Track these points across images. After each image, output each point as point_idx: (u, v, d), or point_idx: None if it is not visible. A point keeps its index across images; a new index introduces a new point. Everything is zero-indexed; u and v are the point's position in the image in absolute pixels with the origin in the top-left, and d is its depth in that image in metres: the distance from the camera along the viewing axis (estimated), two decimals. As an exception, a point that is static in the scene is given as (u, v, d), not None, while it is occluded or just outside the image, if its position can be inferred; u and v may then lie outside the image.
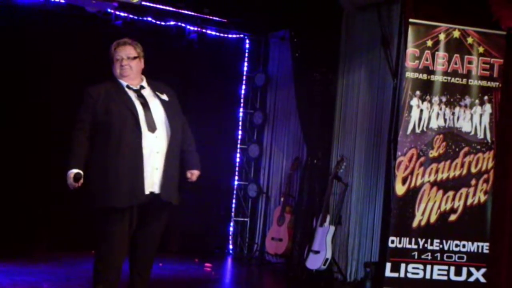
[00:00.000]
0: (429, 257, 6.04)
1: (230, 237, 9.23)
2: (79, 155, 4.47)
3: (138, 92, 4.68)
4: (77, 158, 4.46)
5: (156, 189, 4.57)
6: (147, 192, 4.52)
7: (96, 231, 4.59)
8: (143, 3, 7.26)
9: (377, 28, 7.13)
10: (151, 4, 7.94)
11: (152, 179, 4.55)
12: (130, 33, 7.58)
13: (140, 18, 8.10)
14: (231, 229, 9.25)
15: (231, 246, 9.20)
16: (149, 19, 8.17)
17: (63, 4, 7.33)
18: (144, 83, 4.76)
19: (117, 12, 7.84)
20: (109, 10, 7.67)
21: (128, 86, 4.67)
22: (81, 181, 4.40)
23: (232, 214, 9.29)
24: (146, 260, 4.79)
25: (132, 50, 4.70)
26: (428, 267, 6.03)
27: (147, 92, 4.72)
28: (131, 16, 8.02)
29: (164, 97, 4.74)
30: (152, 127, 4.56)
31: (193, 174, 4.78)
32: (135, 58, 4.69)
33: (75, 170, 4.41)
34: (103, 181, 4.44)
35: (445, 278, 6.03)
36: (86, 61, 7.60)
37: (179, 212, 8.49)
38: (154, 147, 4.56)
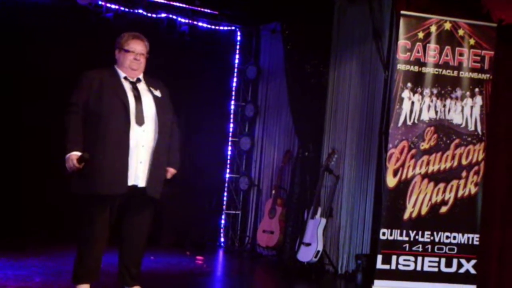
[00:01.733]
0: (420, 249, 6.05)
1: (222, 230, 9.24)
2: (77, 137, 4.52)
3: (134, 85, 4.71)
4: (76, 141, 4.51)
5: (139, 182, 4.61)
6: (129, 183, 4.53)
7: (79, 218, 4.64)
8: (134, -5, 7.24)
9: (368, 21, 7.12)
10: (142, -4, 7.93)
11: (136, 172, 4.59)
12: (121, 26, 7.62)
13: (131, 10, 8.07)
14: (222, 222, 9.25)
15: (222, 239, 9.20)
16: (140, 11, 8.14)
17: (54, -4, 7.30)
18: (141, 76, 4.79)
19: (108, 5, 7.82)
20: (100, 2, 7.66)
21: (125, 78, 4.70)
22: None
23: (224, 207, 9.29)
24: (133, 253, 4.81)
25: (145, 48, 4.82)
26: (419, 258, 6.05)
27: (141, 86, 4.76)
28: (122, 8, 7.98)
29: (157, 93, 4.78)
30: (140, 121, 4.59)
31: (169, 172, 4.81)
32: (144, 55, 4.75)
33: (78, 153, 4.44)
34: (87, 168, 4.48)
35: (436, 269, 6.05)
36: (78, 53, 7.57)
37: (170, 205, 8.57)
38: (140, 141, 4.59)
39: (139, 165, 4.60)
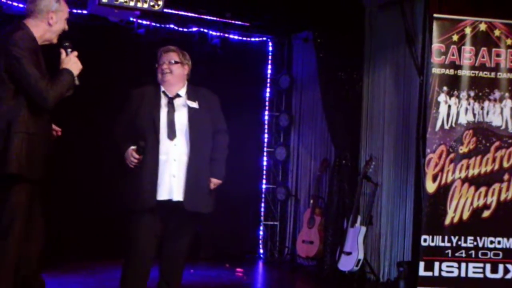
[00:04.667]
0: (464, 255, 5.95)
1: (260, 241, 9.20)
2: (127, 140, 4.61)
3: (171, 100, 4.71)
4: (127, 141, 4.59)
5: (175, 196, 4.59)
6: (162, 198, 4.57)
7: (124, 237, 4.67)
8: (165, 10, 7.25)
9: (400, 25, 7.06)
10: (173, 11, 7.95)
11: (170, 186, 4.58)
12: (153, 41, 7.66)
13: (163, 25, 8.12)
14: (261, 233, 9.21)
15: (261, 250, 9.16)
16: (172, 26, 8.18)
17: (86, 14, 7.36)
18: (182, 91, 4.79)
19: (140, 21, 7.86)
20: (131, 18, 7.69)
21: (164, 92, 4.73)
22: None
23: (261, 218, 9.25)
24: (174, 269, 4.81)
25: (174, 56, 4.81)
26: (463, 265, 5.94)
27: (180, 101, 4.75)
28: (153, 24, 8.03)
29: (195, 105, 4.76)
30: (171, 135, 4.59)
31: (211, 182, 4.78)
32: (176, 63, 4.77)
33: (132, 146, 4.52)
34: (125, 185, 4.59)
35: (481, 276, 5.93)
36: (110, 70, 7.63)
37: (208, 218, 8.55)
38: (172, 155, 4.60)
39: (173, 179, 4.60)
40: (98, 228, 7.63)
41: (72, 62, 4.24)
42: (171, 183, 4.60)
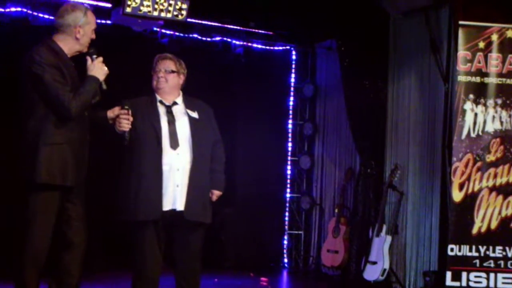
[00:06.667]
0: (492, 265, 5.87)
1: (285, 251, 9.15)
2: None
3: (169, 108, 4.69)
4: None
5: (178, 206, 4.57)
6: (166, 208, 4.55)
7: (129, 248, 4.67)
8: (189, 19, 7.27)
9: (425, 33, 7.01)
10: (197, 21, 7.97)
11: (173, 196, 4.56)
12: (177, 51, 7.67)
13: (186, 35, 8.13)
14: (285, 242, 9.17)
15: (286, 260, 9.11)
16: (195, 35, 8.20)
17: (109, 25, 7.40)
18: (179, 99, 4.77)
19: (163, 30, 7.89)
20: (155, 28, 7.73)
21: (161, 101, 4.70)
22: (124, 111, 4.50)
23: (286, 227, 9.21)
24: (189, 277, 4.78)
25: (171, 64, 4.75)
26: (492, 275, 5.86)
27: (178, 109, 4.73)
28: (177, 33, 8.05)
29: (195, 114, 4.73)
30: (174, 144, 4.58)
31: (213, 194, 4.77)
32: (172, 72, 4.73)
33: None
34: (126, 195, 4.55)
35: (511, 286, 5.84)
36: (134, 80, 7.65)
37: (231, 227, 8.55)
38: (175, 164, 4.57)
39: (176, 189, 4.58)
40: (104, 238, 7.61)
41: (97, 68, 4.35)
42: (175, 193, 4.58)
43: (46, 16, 7.05)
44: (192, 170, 4.61)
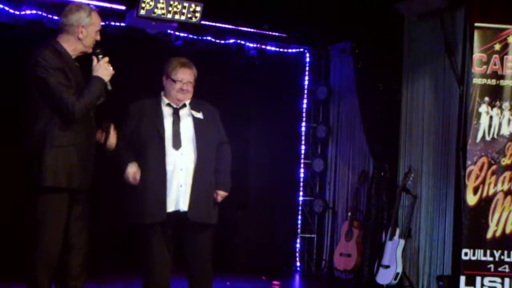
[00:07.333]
0: (507, 270, 5.82)
1: (297, 254, 9.12)
2: (127, 156, 4.57)
3: (176, 110, 4.67)
4: (127, 158, 4.56)
5: (182, 207, 4.55)
6: (171, 209, 4.52)
7: (137, 250, 4.65)
8: (202, 22, 7.27)
9: (440, 35, 6.98)
10: (211, 23, 7.97)
11: (177, 196, 4.54)
12: (191, 53, 7.67)
13: (200, 37, 8.14)
14: (297, 245, 9.13)
15: (298, 263, 9.08)
16: (209, 38, 8.19)
17: (123, 27, 7.42)
18: (187, 101, 4.75)
19: (177, 33, 7.89)
20: (169, 31, 7.73)
21: (168, 104, 4.68)
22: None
23: (298, 230, 9.18)
24: (200, 279, 4.75)
25: (193, 76, 4.72)
26: (507, 280, 5.81)
27: (185, 111, 4.71)
28: (190, 36, 8.06)
29: (199, 115, 4.71)
30: (176, 144, 4.56)
31: (218, 195, 4.72)
32: (192, 83, 4.71)
33: (133, 168, 4.50)
34: (132, 198, 4.54)
35: (526, 291, 5.80)
36: (148, 81, 7.65)
37: (244, 229, 8.52)
38: (178, 164, 4.55)
39: (180, 189, 4.56)
40: (112, 241, 7.61)
41: (102, 69, 4.32)
42: (178, 193, 4.55)
43: (61, 18, 7.07)
44: (196, 170, 4.59)
